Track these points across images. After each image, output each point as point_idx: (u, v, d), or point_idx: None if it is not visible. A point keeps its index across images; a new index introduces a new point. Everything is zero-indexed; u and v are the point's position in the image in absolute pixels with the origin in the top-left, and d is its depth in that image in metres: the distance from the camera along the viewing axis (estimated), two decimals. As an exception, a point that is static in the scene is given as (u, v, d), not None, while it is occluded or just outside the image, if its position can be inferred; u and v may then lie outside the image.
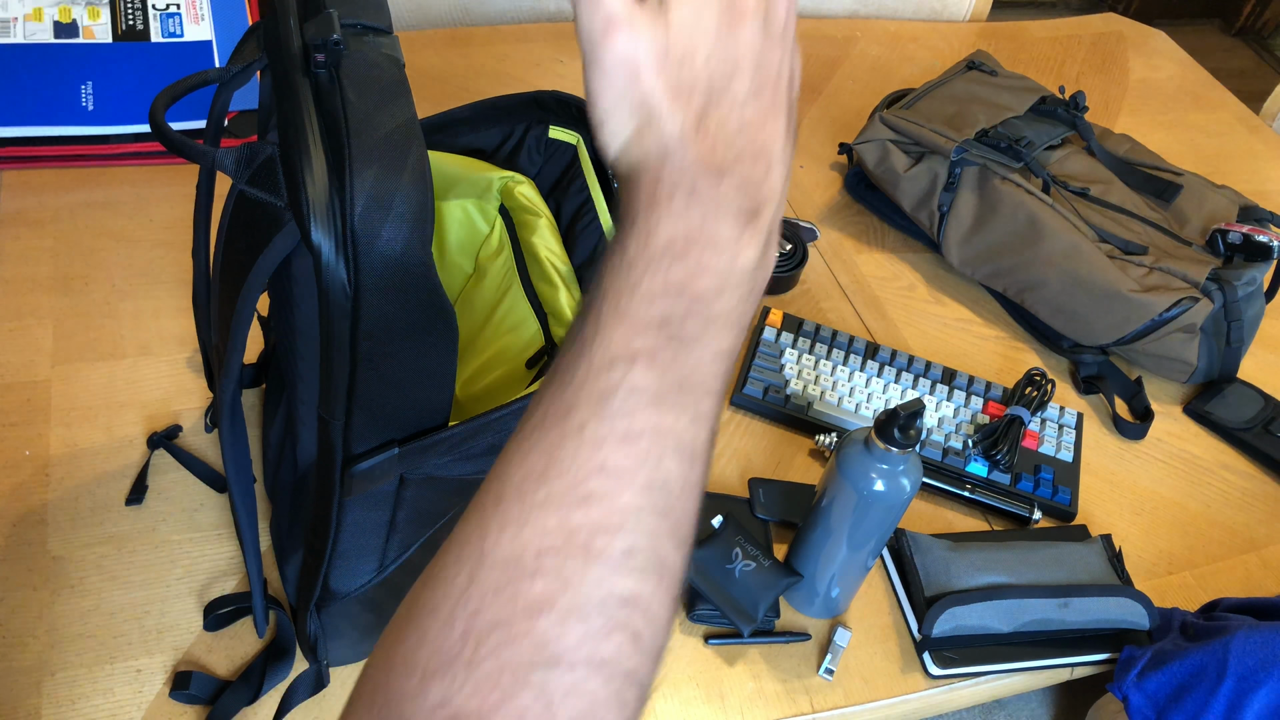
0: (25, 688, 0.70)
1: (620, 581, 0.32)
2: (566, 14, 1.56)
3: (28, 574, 0.75)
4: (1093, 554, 0.87)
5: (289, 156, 0.49)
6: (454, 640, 0.31)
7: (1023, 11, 3.19)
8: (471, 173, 0.76)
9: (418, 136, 0.49)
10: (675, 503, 0.34)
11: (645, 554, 0.33)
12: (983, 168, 1.11)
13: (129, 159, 1.06)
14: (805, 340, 1.03)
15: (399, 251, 0.48)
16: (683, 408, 0.34)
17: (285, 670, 0.72)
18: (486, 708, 0.30)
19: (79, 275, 0.96)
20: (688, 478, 0.34)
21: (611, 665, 0.32)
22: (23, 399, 0.85)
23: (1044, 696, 1.46)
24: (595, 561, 0.32)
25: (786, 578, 0.80)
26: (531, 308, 0.77)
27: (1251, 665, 0.74)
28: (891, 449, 0.71)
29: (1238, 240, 1.07)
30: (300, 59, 0.51)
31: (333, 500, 0.57)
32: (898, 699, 0.81)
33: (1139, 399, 1.07)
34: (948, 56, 1.52)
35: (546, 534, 0.32)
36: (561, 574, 0.31)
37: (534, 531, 0.32)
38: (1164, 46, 1.70)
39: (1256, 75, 3.28)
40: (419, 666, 0.31)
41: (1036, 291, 1.08)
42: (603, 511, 0.32)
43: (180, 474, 0.83)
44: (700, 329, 0.35)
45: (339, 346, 0.50)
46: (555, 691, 0.31)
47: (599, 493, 0.32)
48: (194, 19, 1.15)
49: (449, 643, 0.31)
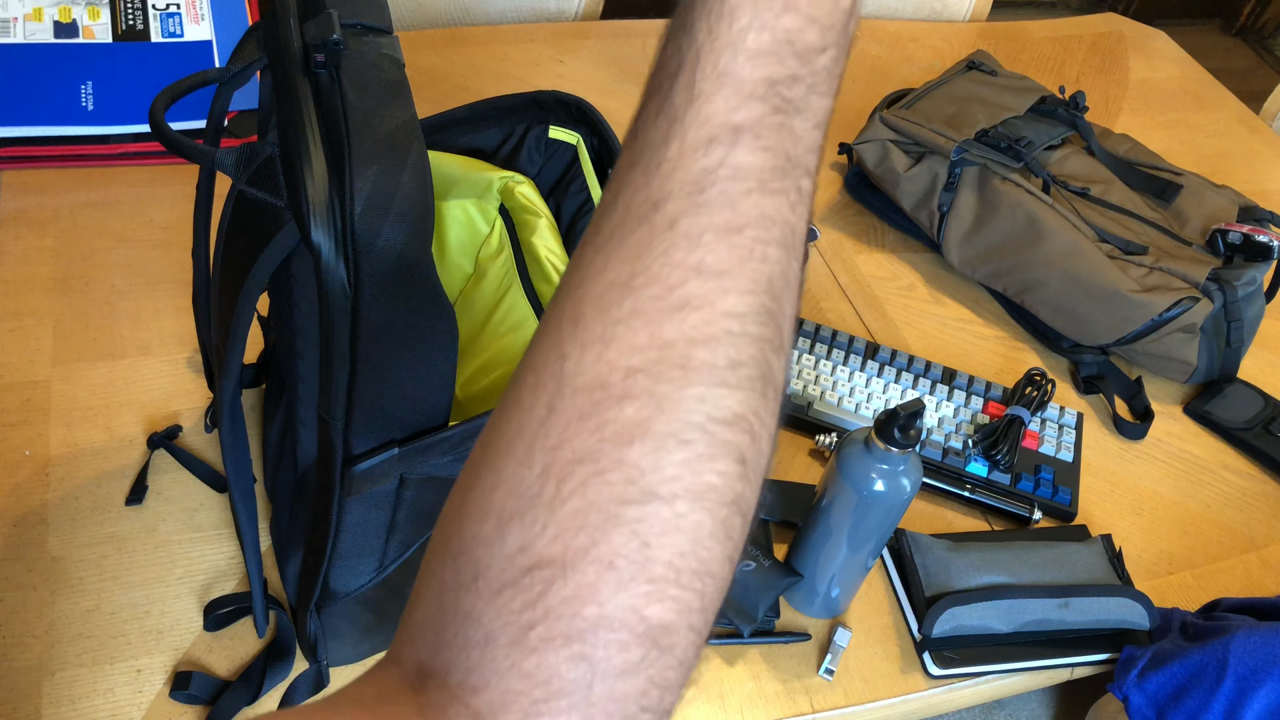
0: (25, 688, 0.70)
1: (724, 399, 0.28)
2: (566, 14, 1.56)
3: (28, 574, 0.75)
4: (1093, 554, 0.87)
5: (289, 156, 0.49)
6: (532, 479, 0.28)
7: (1023, 11, 3.19)
8: (471, 173, 0.76)
9: (418, 136, 0.49)
10: (780, 304, 0.29)
11: (750, 365, 0.29)
12: (983, 168, 1.11)
13: (129, 159, 1.06)
14: (805, 340, 1.03)
15: (399, 251, 0.48)
16: (786, 190, 0.29)
17: (285, 670, 0.72)
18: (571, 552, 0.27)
19: (79, 275, 0.96)
20: (790, 272, 0.30)
21: (716, 494, 0.28)
22: (23, 399, 0.85)
23: (1044, 696, 1.46)
24: (695, 378, 0.28)
25: (786, 578, 0.80)
26: (531, 308, 0.77)
27: (1251, 665, 0.74)
28: (891, 449, 0.71)
29: (1238, 240, 1.07)
30: (300, 59, 0.51)
31: (333, 500, 0.57)
32: (898, 699, 0.81)
33: (1139, 399, 1.07)
34: (948, 56, 1.52)
35: (636, 351, 0.28)
36: (655, 395, 0.27)
37: (621, 349, 0.28)
38: (1164, 46, 1.70)
39: (1256, 75, 3.28)
40: (493, 511, 0.28)
41: (1036, 291, 1.08)
42: (701, 319, 0.28)
43: (180, 474, 0.83)
44: (805, 93, 0.30)
45: (339, 346, 0.50)
46: (652, 529, 0.27)
47: (697, 298, 0.28)
48: (194, 19, 1.15)
49: (527, 482, 0.28)
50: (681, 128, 0.29)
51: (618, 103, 1.31)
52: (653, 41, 1.31)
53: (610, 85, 1.34)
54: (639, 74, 1.37)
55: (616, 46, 1.41)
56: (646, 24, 1.48)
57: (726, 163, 0.28)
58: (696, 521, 0.28)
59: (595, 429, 0.28)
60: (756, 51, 0.28)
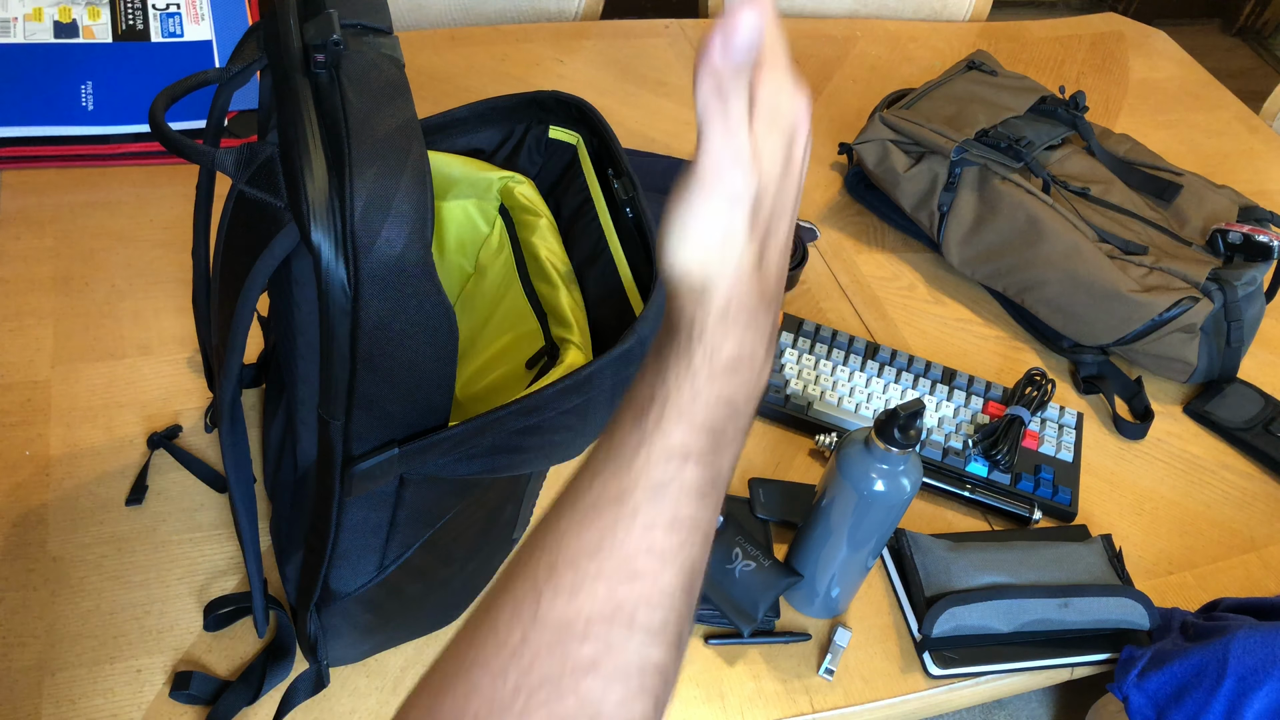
0: (25, 688, 0.70)
1: (654, 651, 0.36)
2: (566, 14, 1.56)
3: (28, 574, 0.75)
4: (1093, 554, 0.87)
5: (289, 156, 0.49)
6: (506, 693, 0.34)
7: (1023, 11, 3.19)
8: (471, 173, 0.76)
9: (418, 136, 0.49)
10: (696, 583, 0.38)
11: (674, 628, 0.37)
12: (983, 168, 1.11)
13: (129, 159, 1.06)
14: (805, 340, 1.03)
15: (399, 251, 0.48)
16: (712, 501, 0.39)
17: (285, 670, 0.72)
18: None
19: (79, 275, 0.96)
20: (704, 560, 0.39)
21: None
22: (23, 399, 0.85)
23: (1044, 696, 1.46)
24: (637, 632, 0.36)
25: (786, 578, 0.80)
26: (531, 308, 0.77)
27: (1252, 665, 0.74)
28: (891, 449, 0.71)
29: (1238, 240, 1.07)
30: (300, 59, 0.51)
31: (333, 500, 0.57)
32: (898, 699, 0.81)
33: (1139, 399, 1.07)
34: (948, 56, 1.52)
35: (597, 603, 0.36)
36: (608, 640, 0.35)
37: (586, 599, 0.36)
38: (1164, 46, 1.70)
39: (1256, 75, 3.28)
40: (469, 715, 0.35)
41: (1036, 291, 1.08)
42: (646, 588, 0.37)
43: (180, 474, 0.83)
44: (735, 435, 0.40)
45: (339, 346, 0.50)
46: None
47: (645, 571, 0.37)
48: (194, 19, 1.15)
49: (501, 695, 0.35)
50: (649, 448, 0.39)
51: (618, 103, 1.31)
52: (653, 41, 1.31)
53: (610, 85, 1.34)
54: (639, 74, 1.37)
55: (616, 46, 1.41)
56: (646, 24, 1.48)
57: (677, 477, 0.38)
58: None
59: (560, 659, 0.35)
60: (709, 402, 0.39)
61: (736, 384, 0.40)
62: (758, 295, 0.40)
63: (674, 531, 0.38)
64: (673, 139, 1.27)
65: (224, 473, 0.64)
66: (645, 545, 0.37)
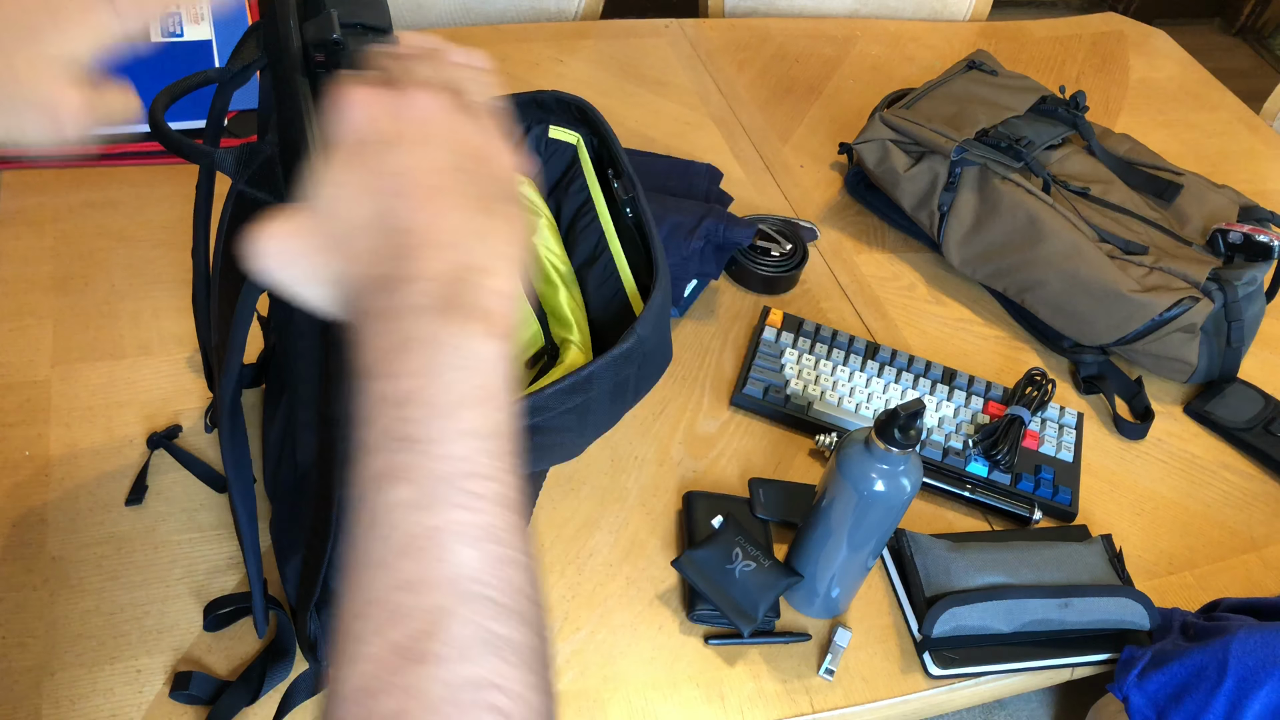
0: (25, 688, 0.70)
1: (461, 671, 0.33)
2: (566, 14, 1.56)
3: (28, 574, 0.75)
4: (1093, 554, 0.87)
5: (289, 156, 0.49)
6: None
7: (1023, 11, 3.20)
8: (471, 173, 0.75)
9: (418, 136, 0.49)
10: (485, 585, 0.35)
11: (473, 639, 0.34)
12: (983, 167, 1.11)
13: (129, 159, 1.06)
14: (805, 340, 1.03)
15: (399, 251, 0.48)
16: (448, 499, 0.36)
17: (285, 670, 0.72)
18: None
19: (79, 275, 0.96)
20: (489, 554, 0.35)
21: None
22: (23, 399, 0.85)
23: (1044, 696, 1.46)
24: (430, 664, 0.33)
25: (786, 578, 0.80)
26: (531, 308, 0.77)
27: (1252, 665, 0.74)
28: (891, 449, 0.71)
29: (1238, 240, 1.07)
30: (300, 59, 0.51)
31: (333, 500, 0.57)
32: (898, 699, 0.81)
33: (1139, 399, 1.07)
34: (948, 56, 1.52)
35: (377, 659, 0.34)
36: (403, 687, 0.33)
37: (366, 661, 0.34)
38: (1164, 46, 1.70)
39: (1256, 75, 3.28)
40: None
41: (1037, 291, 1.08)
42: (416, 621, 0.34)
43: (180, 474, 0.83)
44: (438, 428, 0.37)
45: (339, 346, 0.49)
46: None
47: (404, 607, 0.34)
48: (194, 19, 1.15)
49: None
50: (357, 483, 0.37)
51: (618, 103, 1.31)
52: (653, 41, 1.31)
53: (610, 85, 1.34)
54: (639, 74, 1.37)
55: (616, 46, 1.41)
56: (646, 24, 1.48)
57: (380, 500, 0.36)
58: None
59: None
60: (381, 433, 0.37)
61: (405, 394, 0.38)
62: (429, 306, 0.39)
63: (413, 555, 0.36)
64: (673, 139, 1.27)
65: (224, 473, 0.64)
66: (394, 583, 0.36)
